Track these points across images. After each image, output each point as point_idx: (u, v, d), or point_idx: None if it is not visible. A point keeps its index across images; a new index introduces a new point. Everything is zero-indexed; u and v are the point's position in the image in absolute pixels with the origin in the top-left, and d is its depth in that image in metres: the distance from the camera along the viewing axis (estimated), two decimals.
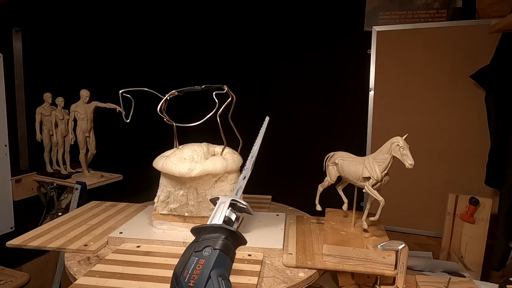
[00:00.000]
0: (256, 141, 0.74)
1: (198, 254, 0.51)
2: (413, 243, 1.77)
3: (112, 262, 0.93)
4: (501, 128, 1.51)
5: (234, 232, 0.54)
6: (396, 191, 1.78)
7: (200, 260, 0.50)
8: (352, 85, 1.91)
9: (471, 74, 1.65)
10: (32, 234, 1.09)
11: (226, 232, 0.54)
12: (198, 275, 0.49)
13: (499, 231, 1.40)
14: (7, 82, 1.82)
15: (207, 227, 0.55)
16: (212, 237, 0.53)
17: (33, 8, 1.95)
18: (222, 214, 0.57)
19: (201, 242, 0.53)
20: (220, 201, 0.60)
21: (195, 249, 0.52)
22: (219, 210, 0.58)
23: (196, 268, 0.49)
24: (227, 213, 0.58)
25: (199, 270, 0.49)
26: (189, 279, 0.49)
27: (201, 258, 0.50)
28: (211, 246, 0.52)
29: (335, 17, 1.93)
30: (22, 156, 1.93)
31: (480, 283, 1.13)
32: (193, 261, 0.51)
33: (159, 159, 1.09)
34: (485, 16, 1.64)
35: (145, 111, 1.28)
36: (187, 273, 0.49)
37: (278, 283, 0.86)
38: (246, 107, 2.06)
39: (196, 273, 0.49)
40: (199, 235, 0.54)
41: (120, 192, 1.78)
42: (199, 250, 0.52)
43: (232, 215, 0.59)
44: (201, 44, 2.16)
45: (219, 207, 0.59)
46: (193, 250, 0.52)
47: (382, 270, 0.93)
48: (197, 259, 0.51)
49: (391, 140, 0.98)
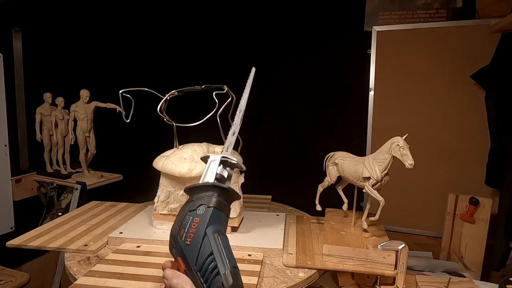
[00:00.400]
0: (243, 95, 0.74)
1: (192, 213, 0.52)
2: (413, 243, 1.77)
3: (112, 262, 0.93)
4: (501, 128, 1.51)
5: (226, 189, 0.54)
6: (396, 191, 1.77)
7: (195, 218, 0.51)
8: (352, 85, 1.91)
9: (471, 74, 1.65)
10: (32, 234, 1.10)
11: (219, 189, 0.54)
12: (194, 233, 0.49)
13: (499, 231, 1.40)
14: (7, 82, 1.82)
15: (200, 186, 0.55)
16: (206, 196, 0.53)
17: (33, 8, 1.95)
18: (214, 172, 0.57)
19: (195, 201, 0.53)
20: (210, 159, 0.59)
21: (190, 209, 0.53)
22: (210, 168, 0.58)
23: (192, 226, 0.50)
24: (218, 171, 0.57)
25: (194, 228, 0.50)
26: (186, 238, 0.50)
27: (195, 217, 0.51)
28: (204, 205, 0.52)
29: (335, 17, 1.92)
30: (22, 156, 1.93)
31: (480, 283, 1.13)
32: (188, 220, 0.51)
33: (159, 159, 1.09)
34: (485, 16, 1.64)
35: (145, 111, 1.28)
36: (184, 232, 0.50)
37: (278, 283, 0.86)
38: (246, 107, 2.06)
39: (192, 231, 0.50)
40: (192, 195, 0.55)
41: (120, 192, 1.78)
42: (193, 209, 0.52)
43: (224, 172, 0.59)
44: (201, 44, 2.16)
45: (210, 165, 0.58)
46: (188, 210, 0.53)
47: (382, 270, 0.93)
48: (192, 218, 0.51)
49: (391, 140, 0.98)
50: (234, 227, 1.09)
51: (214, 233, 0.50)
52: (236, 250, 1.00)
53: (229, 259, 0.48)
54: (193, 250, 0.49)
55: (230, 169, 0.60)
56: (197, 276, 0.48)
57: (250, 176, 1.19)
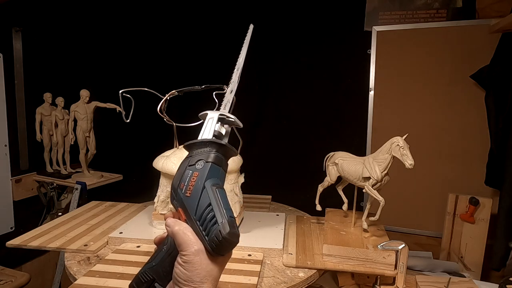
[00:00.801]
0: (241, 53, 0.75)
1: (192, 167, 0.55)
2: (413, 243, 1.77)
3: (112, 262, 0.93)
4: (501, 128, 1.51)
5: (224, 145, 0.57)
6: (396, 191, 1.77)
7: (194, 173, 0.54)
8: (352, 85, 1.91)
9: (471, 74, 1.65)
10: (32, 234, 1.10)
11: (217, 146, 0.57)
12: (193, 186, 0.53)
13: (499, 231, 1.40)
14: (7, 82, 1.82)
15: (198, 142, 0.58)
16: (204, 151, 0.56)
17: (33, 8, 1.95)
18: (212, 128, 0.60)
19: (194, 157, 0.56)
20: (208, 117, 0.62)
21: (189, 163, 0.56)
22: (208, 125, 0.60)
23: (191, 180, 0.53)
24: (216, 128, 0.60)
25: (194, 181, 0.53)
26: (186, 190, 0.53)
27: (195, 171, 0.54)
28: (203, 160, 0.55)
29: (335, 17, 1.92)
30: (22, 156, 1.93)
31: (480, 283, 1.13)
32: (187, 174, 0.54)
33: (159, 159, 1.09)
34: (485, 16, 1.64)
35: (145, 111, 1.28)
36: (184, 185, 0.54)
37: (278, 283, 0.86)
38: (246, 107, 2.06)
39: (191, 184, 0.53)
40: (192, 150, 0.58)
41: (120, 192, 1.78)
42: (193, 164, 0.55)
43: (222, 129, 0.62)
44: (201, 44, 2.16)
45: (208, 122, 0.61)
46: (187, 164, 0.56)
47: (382, 270, 0.93)
48: (191, 172, 0.54)
49: (391, 140, 0.98)
50: None
51: (212, 186, 0.53)
52: (236, 250, 1.00)
53: (226, 209, 0.51)
54: (192, 201, 0.52)
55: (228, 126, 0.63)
56: (197, 225, 0.51)
57: (250, 176, 1.19)
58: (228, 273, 0.87)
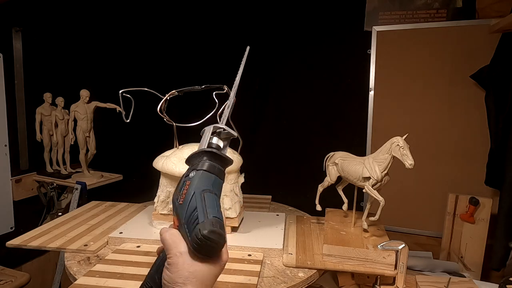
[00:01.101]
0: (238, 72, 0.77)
1: (186, 178, 0.57)
2: (413, 243, 1.77)
3: (112, 262, 0.93)
4: (501, 128, 1.51)
5: (215, 153, 0.59)
6: (396, 191, 1.77)
7: (187, 181, 0.56)
8: (352, 85, 1.91)
9: (471, 74, 1.65)
10: (32, 234, 1.10)
11: (208, 154, 0.59)
12: (185, 194, 0.55)
13: (499, 231, 1.40)
14: (7, 82, 1.82)
15: (194, 154, 0.60)
16: (198, 161, 0.58)
17: (33, 8, 1.95)
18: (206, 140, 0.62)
19: (190, 168, 0.59)
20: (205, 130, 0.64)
21: (185, 175, 0.58)
22: (204, 138, 0.63)
23: (184, 188, 0.55)
24: (214, 140, 0.62)
25: (186, 190, 0.55)
26: (179, 199, 0.55)
27: (187, 180, 0.56)
28: (195, 169, 0.57)
29: (335, 17, 1.92)
30: (22, 156, 1.93)
31: (480, 283, 1.13)
32: (182, 183, 0.57)
33: (159, 159, 1.09)
34: (485, 16, 1.64)
35: (145, 111, 1.28)
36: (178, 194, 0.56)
37: (278, 283, 0.86)
38: (246, 107, 2.06)
39: (184, 192, 0.55)
40: (190, 163, 0.60)
41: (120, 192, 1.78)
42: (187, 174, 0.57)
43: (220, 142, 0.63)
44: (201, 44, 2.16)
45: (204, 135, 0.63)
46: (184, 175, 0.58)
47: (382, 270, 0.93)
48: (184, 181, 0.57)
49: (391, 140, 0.98)
50: (234, 227, 1.09)
51: (202, 192, 0.54)
52: (236, 250, 1.00)
53: (211, 210, 0.52)
54: (183, 208, 0.54)
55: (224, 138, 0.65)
56: (184, 228, 0.53)
57: (250, 176, 1.19)
58: (228, 273, 0.87)
